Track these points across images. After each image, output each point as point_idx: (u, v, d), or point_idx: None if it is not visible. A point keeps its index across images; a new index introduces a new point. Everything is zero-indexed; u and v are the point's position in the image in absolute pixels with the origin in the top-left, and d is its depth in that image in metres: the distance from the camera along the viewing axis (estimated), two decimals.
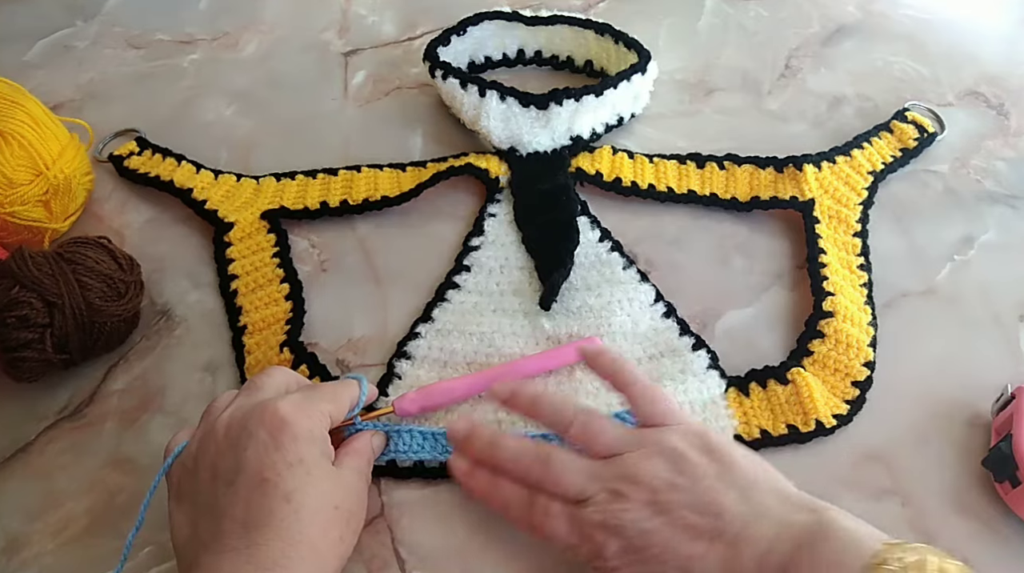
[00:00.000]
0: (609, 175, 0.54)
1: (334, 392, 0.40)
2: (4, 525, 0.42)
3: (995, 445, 0.41)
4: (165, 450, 0.39)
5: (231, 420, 0.37)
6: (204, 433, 0.38)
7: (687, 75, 0.62)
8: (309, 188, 0.55)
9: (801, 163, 0.53)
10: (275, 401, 0.37)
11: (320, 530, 0.35)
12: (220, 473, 0.36)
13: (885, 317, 0.48)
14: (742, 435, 0.43)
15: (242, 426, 0.37)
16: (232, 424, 0.37)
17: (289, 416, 0.37)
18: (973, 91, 0.60)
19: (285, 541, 0.34)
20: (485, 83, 0.54)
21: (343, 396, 0.41)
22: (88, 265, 0.46)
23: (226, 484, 0.36)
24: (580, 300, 0.48)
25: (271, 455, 0.35)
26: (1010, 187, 0.54)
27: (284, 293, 0.50)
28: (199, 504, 0.36)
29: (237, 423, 0.37)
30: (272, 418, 0.36)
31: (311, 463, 0.36)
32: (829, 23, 0.66)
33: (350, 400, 0.41)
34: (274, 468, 0.35)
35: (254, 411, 0.37)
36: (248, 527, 0.34)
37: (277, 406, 0.37)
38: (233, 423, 0.37)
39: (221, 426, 0.37)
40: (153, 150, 0.57)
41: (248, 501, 0.35)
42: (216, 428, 0.37)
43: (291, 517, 0.34)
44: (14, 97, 0.51)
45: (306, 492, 0.35)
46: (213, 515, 0.35)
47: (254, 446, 0.36)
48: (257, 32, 0.68)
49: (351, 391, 0.41)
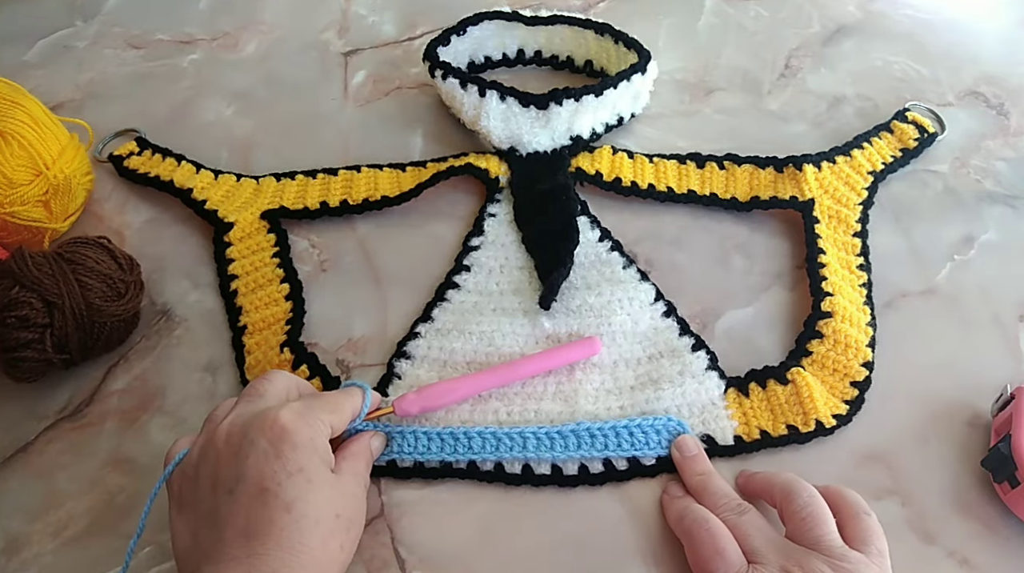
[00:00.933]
0: (609, 175, 0.54)
1: (336, 401, 0.40)
2: (4, 525, 0.42)
3: (994, 445, 0.41)
4: (165, 458, 0.39)
5: (232, 428, 0.37)
6: (205, 441, 0.38)
7: (687, 75, 0.62)
8: (309, 188, 0.55)
9: (801, 163, 0.53)
10: (276, 409, 0.37)
11: (321, 539, 0.35)
12: (221, 482, 0.36)
13: (885, 317, 0.48)
14: (742, 436, 0.44)
15: (243, 434, 0.37)
16: (233, 432, 0.37)
17: (290, 425, 0.36)
18: (973, 91, 0.60)
19: (286, 550, 0.34)
20: (485, 83, 0.54)
21: (345, 406, 0.40)
22: (88, 265, 0.46)
23: (227, 493, 0.36)
24: (580, 299, 0.48)
25: (272, 464, 0.35)
26: (1010, 187, 0.54)
27: (284, 293, 0.50)
28: (200, 512, 0.36)
29: (238, 431, 0.37)
30: (273, 427, 0.36)
31: (312, 472, 0.36)
32: (829, 23, 0.66)
33: (352, 410, 0.41)
34: (275, 477, 0.35)
35: (255, 420, 0.37)
36: (249, 536, 0.34)
37: (278, 415, 0.37)
38: (234, 431, 0.37)
39: (222, 434, 0.37)
40: (153, 150, 0.57)
41: (249, 510, 0.35)
42: (217, 436, 0.37)
43: (292, 527, 0.34)
44: (14, 97, 0.51)
45: (307, 501, 0.35)
46: (214, 524, 0.35)
47: (255, 455, 0.36)
48: (257, 32, 0.68)
49: (353, 401, 0.41)
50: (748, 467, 0.43)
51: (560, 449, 0.42)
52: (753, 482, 0.41)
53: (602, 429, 0.43)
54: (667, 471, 0.43)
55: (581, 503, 0.42)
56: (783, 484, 0.39)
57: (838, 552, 0.35)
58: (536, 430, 0.43)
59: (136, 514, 0.38)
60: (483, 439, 0.43)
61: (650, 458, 0.43)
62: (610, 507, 0.42)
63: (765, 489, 0.40)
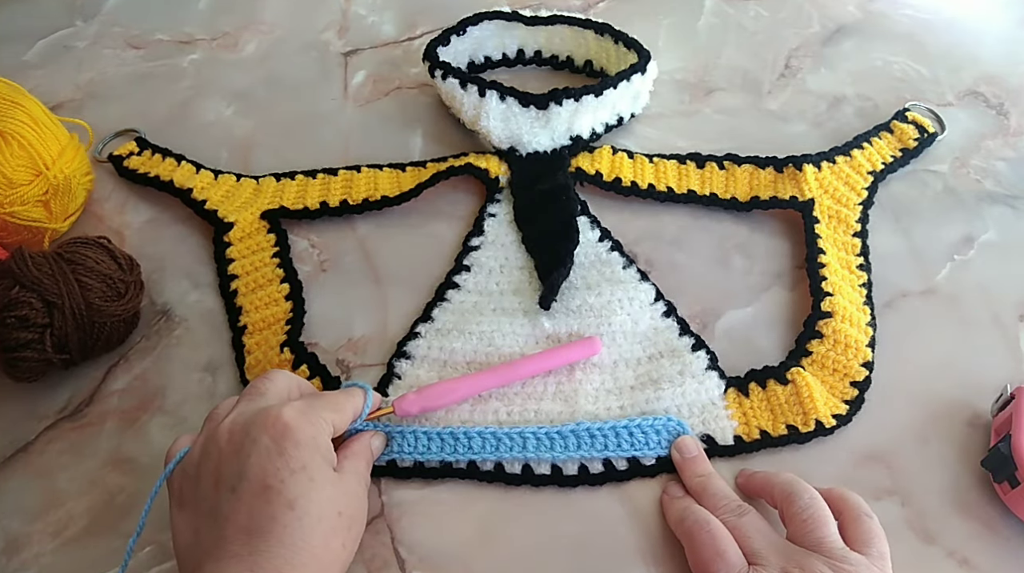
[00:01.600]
0: (609, 175, 0.54)
1: (337, 401, 0.40)
2: (4, 525, 0.42)
3: (994, 445, 0.41)
4: (166, 456, 0.39)
5: (234, 426, 0.37)
6: (206, 439, 0.38)
7: (687, 75, 0.62)
8: (309, 188, 0.55)
9: (801, 163, 0.53)
10: (278, 407, 0.37)
11: (323, 537, 0.35)
12: (223, 479, 0.36)
13: (885, 317, 0.48)
14: (741, 436, 0.44)
15: (245, 432, 0.37)
16: (235, 430, 0.37)
17: (293, 422, 0.36)
18: (973, 91, 0.60)
19: (288, 548, 0.34)
20: (485, 83, 0.54)
21: (346, 405, 0.40)
22: (88, 265, 0.46)
23: (229, 490, 0.35)
24: (580, 299, 0.48)
25: (275, 461, 0.35)
26: (1010, 187, 0.54)
27: (284, 293, 0.50)
28: (201, 510, 0.36)
29: (240, 429, 0.37)
30: (276, 424, 0.36)
31: (314, 470, 0.36)
32: (829, 23, 0.66)
33: (353, 410, 0.41)
34: (277, 475, 0.35)
35: (257, 417, 0.37)
36: (251, 534, 0.34)
37: (281, 412, 0.37)
38: (236, 429, 0.37)
39: (224, 432, 0.37)
40: (153, 150, 0.57)
41: (251, 508, 0.35)
42: (219, 434, 0.37)
43: (294, 524, 0.34)
44: (14, 97, 0.51)
45: (309, 499, 0.35)
46: (216, 521, 0.35)
47: (257, 452, 0.36)
48: (257, 32, 0.68)
49: (355, 401, 0.41)
50: (748, 467, 0.43)
51: (560, 449, 0.42)
52: (753, 482, 0.41)
53: (602, 429, 0.43)
54: (667, 471, 0.43)
55: (581, 503, 0.42)
56: (783, 485, 0.39)
57: (839, 554, 0.36)
58: (536, 430, 0.43)
59: (136, 514, 0.38)
60: (483, 439, 0.43)
61: (650, 458, 0.43)
62: (610, 507, 0.42)
63: (765, 489, 0.40)
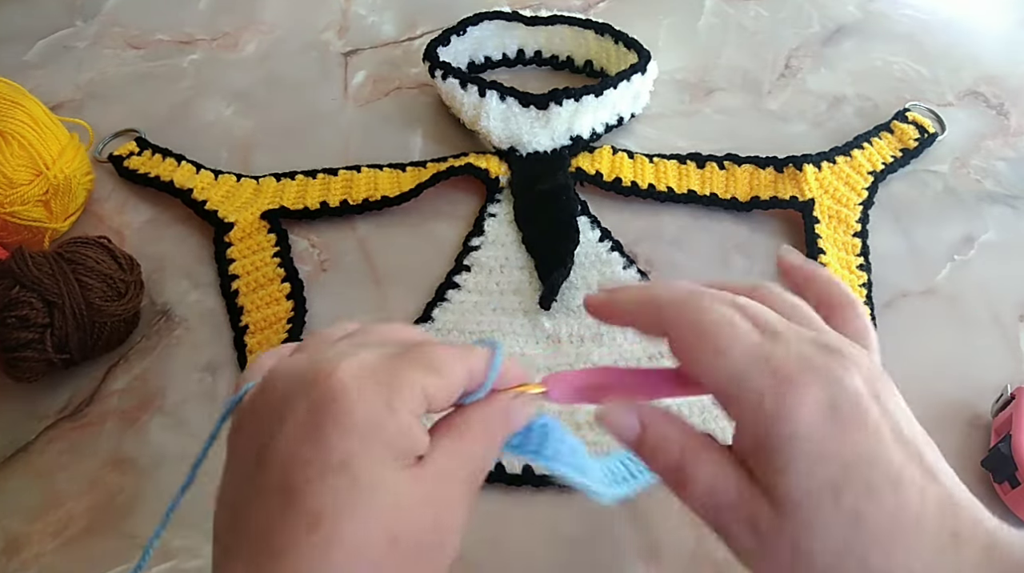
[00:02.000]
0: (609, 175, 0.54)
1: (440, 358, 0.25)
2: (4, 525, 0.42)
3: (994, 445, 0.41)
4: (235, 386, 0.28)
5: (290, 373, 0.25)
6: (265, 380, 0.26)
7: (687, 75, 0.62)
8: (309, 188, 0.55)
9: (801, 163, 0.53)
10: (342, 358, 0.24)
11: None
12: (251, 450, 0.25)
13: (885, 317, 0.48)
14: None
15: (287, 388, 0.25)
16: (286, 379, 0.25)
17: (349, 386, 0.23)
18: (973, 91, 0.60)
19: None
20: (485, 83, 0.54)
21: (454, 366, 0.26)
22: (88, 265, 0.46)
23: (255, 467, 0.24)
24: (580, 299, 0.48)
25: (304, 448, 0.23)
26: (1010, 187, 0.54)
27: (285, 293, 0.50)
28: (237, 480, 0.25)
29: (288, 380, 0.25)
30: (323, 386, 0.23)
31: (362, 468, 0.23)
32: (829, 23, 0.66)
33: (466, 373, 0.26)
34: (304, 470, 0.23)
35: (311, 369, 0.24)
36: (261, 550, 0.23)
37: (337, 366, 0.24)
38: (287, 378, 0.25)
39: (279, 377, 0.25)
40: (153, 150, 0.57)
41: (267, 513, 0.23)
42: (274, 377, 0.26)
43: (314, 554, 0.22)
44: (14, 97, 0.51)
45: (345, 516, 0.23)
46: (235, 509, 0.25)
47: (286, 430, 0.24)
48: (257, 32, 0.68)
49: (471, 361, 0.26)
50: None
51: None
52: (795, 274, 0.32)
53: None
54: None
55: (581, 503, 0.42)
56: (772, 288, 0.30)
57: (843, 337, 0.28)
58: None
59: (136, 514, 0.38)
60: None
61: None
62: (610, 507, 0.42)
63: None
